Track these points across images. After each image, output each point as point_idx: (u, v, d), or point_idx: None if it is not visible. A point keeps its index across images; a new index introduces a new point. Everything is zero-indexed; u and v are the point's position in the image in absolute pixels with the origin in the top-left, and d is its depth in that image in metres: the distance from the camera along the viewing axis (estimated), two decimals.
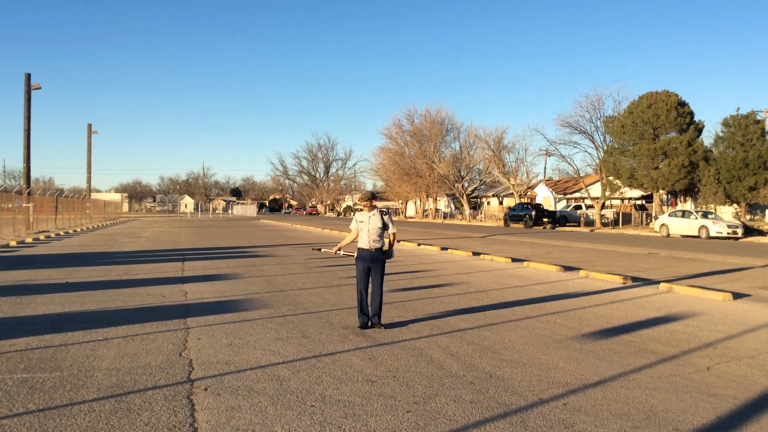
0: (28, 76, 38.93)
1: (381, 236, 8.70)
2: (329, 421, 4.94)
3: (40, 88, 39.49)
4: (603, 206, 53.43)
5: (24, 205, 37.00)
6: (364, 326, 8.59)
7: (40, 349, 7.22)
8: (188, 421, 4.88)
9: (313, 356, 7.01)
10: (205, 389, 5.71)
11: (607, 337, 8.27)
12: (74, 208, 52.72)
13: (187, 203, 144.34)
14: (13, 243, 26.11)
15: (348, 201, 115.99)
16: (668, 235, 37.64)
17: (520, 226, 50.90)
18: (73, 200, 53.55)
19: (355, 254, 8.80)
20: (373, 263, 8.64)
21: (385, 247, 8.75)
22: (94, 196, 78.00)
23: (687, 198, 49.54)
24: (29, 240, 28.62)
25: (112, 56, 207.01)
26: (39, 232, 35.35)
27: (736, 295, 12.03)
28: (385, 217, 8.75)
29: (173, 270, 15.97)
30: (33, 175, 58.36)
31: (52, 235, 34.03)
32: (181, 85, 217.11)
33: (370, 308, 8.64)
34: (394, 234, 8.91)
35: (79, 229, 42.22)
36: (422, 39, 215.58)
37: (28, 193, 37.67)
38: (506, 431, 4.77)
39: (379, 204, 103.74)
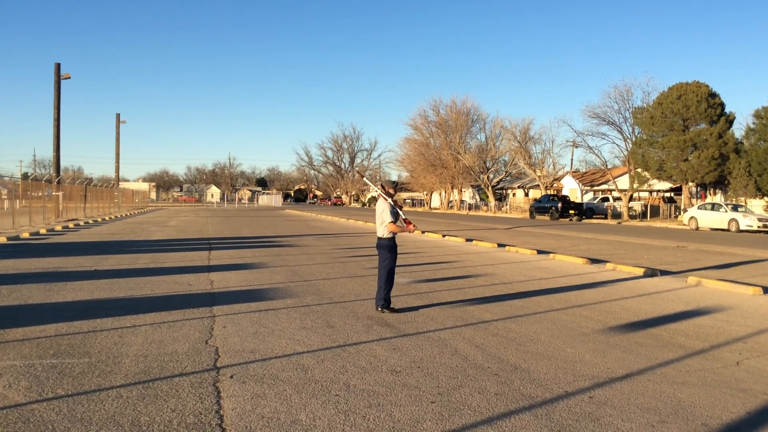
0: (58, 66, 39.45)
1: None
2: (353, 410, 4.95)
3: (69, 77, 39.99)
4: (631, 198, 52.79)
5: (54, 193, 37.62)
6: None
7: (70, 335, 7.34)
8: (214, 408, 4.92)
9: (338, 346, 7.03)
10: (231, 377, 5.76)
11: (634, 331, 8.18)
12: (102, 197, 53.44)
13: (214, 193, 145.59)
14: (43, 231, 26.55)
15: (373, 192, 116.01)
16: (697, 228, 37.09)
17: (546, 218, 50.51)
18: (102, 189, 54.28)
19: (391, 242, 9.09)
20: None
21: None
22: (122, 185, 79.01)
23: (717, 191, 48.72)
24: (59, 228, 29.07)
25: (140, 47, 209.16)
26: (68, 221, 35.90)
27: (767, 290, 11.81)
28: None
29: (200, 259, 16.12)
30: (62, 164, 59.21)
31: (81, 223, 34.54)
32: (209, 76, 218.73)
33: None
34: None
35: (107, 218, 42.82)
36: (449, 30, 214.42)
37: (58, 182, 38.26)
38: (531, 424, 4.74)
39: (404, 195, 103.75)
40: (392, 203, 8.95)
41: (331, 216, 50.73)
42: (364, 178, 12.84)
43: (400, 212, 9.03)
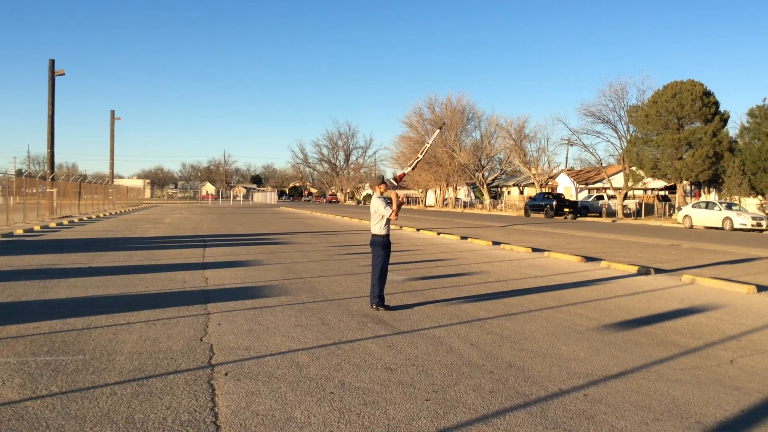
0: (52, 62, 39.29)
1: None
2: (348, 408, 4.95)
3: (63, 74, 39.86)
4: (625, 197, 52.92)
5: (48, 190, 37.47)
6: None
7: (64, 332, 7.31)
8: (209, 406, 4.91)
9: (333, 343, 7.02)
10: (226, 374, 5.74)
11: (628, 329, 8.19)
12: (97, 194, 53.29)
13: (209, 190, 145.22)
14: (37, 228, 26.44)
15: (368, 189, 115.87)
16: (691, 227, 37.20)
17: (541, 216, 50.59)
18: (96, 186, 54.10)
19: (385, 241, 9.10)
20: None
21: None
22: (116, 182, 78.79)
23: (711, 189, 48.84)
24: (53, 225, 28.97)
25: (135, 44, 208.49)
26: (62, 217, 35.79)
27: (761, 288, 11.84)
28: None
29: (194, 256, 16.08)
30: (57, 161, 58.94)
31: (75, 220, 34.43)
32: (204, 73, 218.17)
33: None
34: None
35: (101, 215, 42.68)
36: (445, 28, 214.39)
37: (52, 179, 38.11)
38: (526, 421, 4.74)
39: (400, 192, 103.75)
40: (381, 195, 9.09)
41: (326, 213, 50.70)
42: (429, 143, 12.71)
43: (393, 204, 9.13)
